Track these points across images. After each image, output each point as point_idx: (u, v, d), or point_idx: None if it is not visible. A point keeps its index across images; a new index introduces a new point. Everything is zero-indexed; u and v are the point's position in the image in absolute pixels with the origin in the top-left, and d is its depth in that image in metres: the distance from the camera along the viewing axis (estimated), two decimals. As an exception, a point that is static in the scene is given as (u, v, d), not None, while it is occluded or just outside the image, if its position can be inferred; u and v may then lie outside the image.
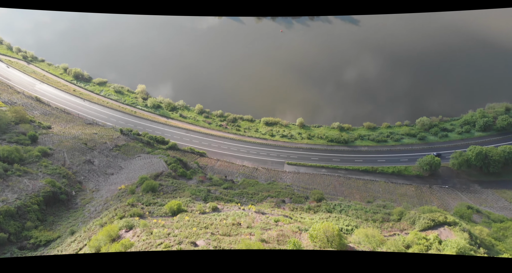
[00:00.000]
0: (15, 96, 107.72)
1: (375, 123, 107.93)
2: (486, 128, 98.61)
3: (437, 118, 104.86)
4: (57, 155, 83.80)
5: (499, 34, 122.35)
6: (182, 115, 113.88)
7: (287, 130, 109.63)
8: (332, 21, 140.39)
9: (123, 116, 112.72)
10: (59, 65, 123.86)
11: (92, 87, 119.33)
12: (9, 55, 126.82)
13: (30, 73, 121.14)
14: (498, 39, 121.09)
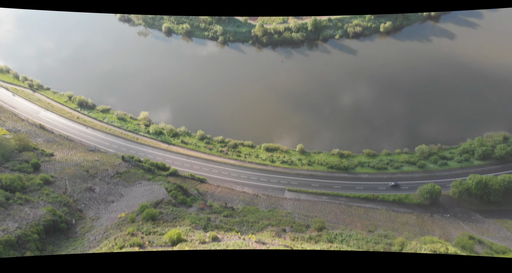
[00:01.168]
0: (20, 124, 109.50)
1: (374, 150, 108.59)
2: (485, 156, 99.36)
3: (436, 146, 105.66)
4: (59, 182, 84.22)
5: (494, 64, 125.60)
6: (183, 141, 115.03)
7: (288, 156, 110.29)
8: (331, 51, 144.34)
9: (125, 142, 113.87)
10: (64, 93, 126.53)
11: (96, 114, 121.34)
12: (15, 84, 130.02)
13: (35, 101, 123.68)
14: (492, 69, 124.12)
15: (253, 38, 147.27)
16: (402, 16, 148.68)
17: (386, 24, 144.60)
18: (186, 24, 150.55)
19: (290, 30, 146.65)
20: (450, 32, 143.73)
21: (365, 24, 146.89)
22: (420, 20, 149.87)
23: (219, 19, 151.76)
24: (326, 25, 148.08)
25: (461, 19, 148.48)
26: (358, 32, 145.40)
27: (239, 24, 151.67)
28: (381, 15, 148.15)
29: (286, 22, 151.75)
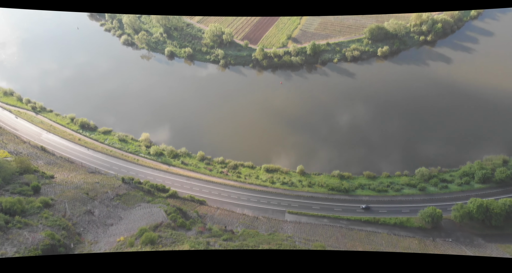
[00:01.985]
0: (21, 146, 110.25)
1: (375, 172, 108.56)
2: (485, 180, 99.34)
3: (436, 169, 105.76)
4: (58, 206, 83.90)
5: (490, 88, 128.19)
6: (183, 162, 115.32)
7: (288, 178, 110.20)
8: (329, 74, 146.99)
9: (126, 164, 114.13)
10: (67, 115, 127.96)
11: (97, 136, 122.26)
12: (19, 106, 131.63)
13: (37, 123, 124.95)
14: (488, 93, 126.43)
15: (253, 61, 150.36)
16: (399, 41, 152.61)
17: (383, 49, 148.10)
18: (188, 48, 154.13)
19: (289, 54, 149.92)
20: (446, 57, 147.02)
21: (362, 48, 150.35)
22: (417, 45, 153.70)
23: (221, 43, 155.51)
24: (324, 49, 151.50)
25: (456, 44, 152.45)
26: (356, 56, 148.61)
27: (240, 48, 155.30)
28: (378, 40, 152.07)
29: (286, 46, 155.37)
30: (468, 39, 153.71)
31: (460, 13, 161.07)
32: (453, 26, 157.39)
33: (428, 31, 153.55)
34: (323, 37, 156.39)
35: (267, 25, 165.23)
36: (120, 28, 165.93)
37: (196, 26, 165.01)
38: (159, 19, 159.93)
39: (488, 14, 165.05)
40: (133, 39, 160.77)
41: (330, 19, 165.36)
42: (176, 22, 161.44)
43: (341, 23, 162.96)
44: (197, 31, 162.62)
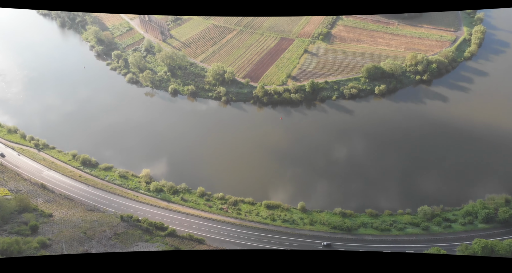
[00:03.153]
0: (21, 184, 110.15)
1: (377, 210, 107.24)
2: (488, 220, 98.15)
3: (439, 207, 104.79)
4: (55, 246, 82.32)
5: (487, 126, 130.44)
6: (183, 198, 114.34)
7: (289, 215, 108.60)
8: (328, 111, 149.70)
9: (125, 201, 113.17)
10: (69, 151, 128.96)
11: (98, 172, 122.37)
12: (22, 143, 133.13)
13: (39, 160, 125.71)
14: (486, 131, 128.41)
15: (254, 98, 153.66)
16: (395, 80, 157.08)
17: (380, 87, 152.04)
18: (191, 86, 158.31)
19: (289, 91, 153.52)
20: (443, 96, 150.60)
21: (360, 87, 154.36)
22: (413, 84, 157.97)
23: (223, 81, 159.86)
24: (323, 87, 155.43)
25: (452, 83, 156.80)
26: (354, 94, 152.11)
27: (241, 85, 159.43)
28: (375, 79, 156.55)
29: (285, 84, 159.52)
30: (463, 79, 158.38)
31: (454, 54, 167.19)
32: (447, 66, 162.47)
33: (423, 71, 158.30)
34: (321, 76, 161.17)
35: (267, 64, 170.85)
36: (125, 67, 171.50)
37: (199, 65, 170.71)
38: (164, 58, 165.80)
39: (481, 55, 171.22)
40: (138, 77, 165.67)
41: (327, 58, 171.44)
42: (180, 61, 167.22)
43: (338, 62, 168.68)
44: (200, 69, 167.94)
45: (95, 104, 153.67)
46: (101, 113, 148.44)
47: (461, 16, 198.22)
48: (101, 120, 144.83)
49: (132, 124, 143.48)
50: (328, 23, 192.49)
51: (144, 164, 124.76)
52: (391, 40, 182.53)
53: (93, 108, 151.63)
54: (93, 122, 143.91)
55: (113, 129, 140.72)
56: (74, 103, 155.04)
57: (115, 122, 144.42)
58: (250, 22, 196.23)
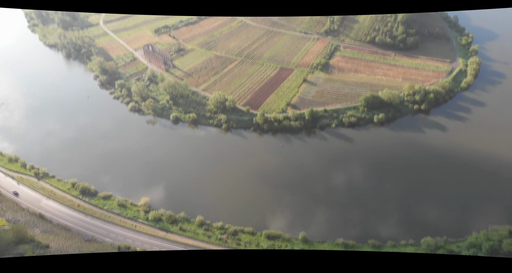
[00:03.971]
0: (19, 213, 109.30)
1: (378, 240, 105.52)
2: (492, 251, 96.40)
3: (442, 239, 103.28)
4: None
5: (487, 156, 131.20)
6: (182, 228, 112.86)
7: (290, 245, 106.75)
8: (327, 138, 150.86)
9: (123, 230, 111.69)
10: (68, 180, 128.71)
11: (97, 201, 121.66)
12: (22, 172, 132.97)
13: (38, 189, 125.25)
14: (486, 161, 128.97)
15: (254, 125, 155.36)
16: (393, 109, 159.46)
17: (379, 116, 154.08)
18: (193, 114, 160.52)
19: (289, 119, 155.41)
20: (442, 125, 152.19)
21: (359, 115, 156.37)
22: (412, 113, 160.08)
23: (224, 109, 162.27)
24: (322, 115, 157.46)
25: (450, 113, 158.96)
26: (353, 122, 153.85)
27: (242, 113, 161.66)
28: (373, 108, 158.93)
29: (285, 111, 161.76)
30: (461, 109, 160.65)
31: (450, 85, 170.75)
32: (445, 96, 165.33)
33: (421, 100, 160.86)
34: (321, 104, 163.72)
35: (267, 93, 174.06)
36: (128, 95, 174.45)
37: (201, 94, 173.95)
38: (166, 87, 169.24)
39: (478, 86, 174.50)
40: (140, 105, 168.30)
41: (326, 88, 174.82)
42: (182, 90, 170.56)
43: (337, 91, 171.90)
44: (202, 98, 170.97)
45: (96, 131, 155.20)
46: (102, 140, 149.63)
47: (456, 48, 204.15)
48: (101, 147, 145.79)
49: (132, 151, 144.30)
50: (327, 54, 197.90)
51: (144, 191, 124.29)
52: (388, 70, 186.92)
53: (94, 135, 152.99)
54: (94, 149, 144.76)
55: (114, 156, 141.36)
56: (75, 130, 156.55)
57: (116, 148, 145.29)
58: (250, 52, 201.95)
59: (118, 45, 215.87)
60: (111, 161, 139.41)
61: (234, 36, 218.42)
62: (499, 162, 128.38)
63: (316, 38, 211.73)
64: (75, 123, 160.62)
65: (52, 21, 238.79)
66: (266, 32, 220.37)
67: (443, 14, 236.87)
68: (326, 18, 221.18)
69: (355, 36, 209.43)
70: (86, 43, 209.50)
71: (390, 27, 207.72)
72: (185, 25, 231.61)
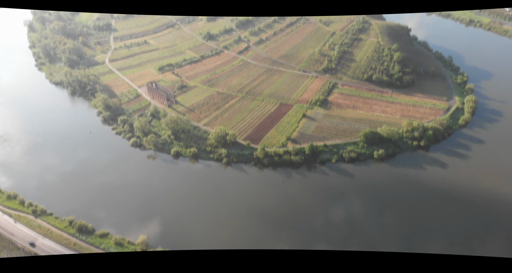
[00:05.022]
0: (15, 253, 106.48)
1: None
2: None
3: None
4: None
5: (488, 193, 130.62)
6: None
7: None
8: (328, 173, 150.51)
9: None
10: (66, 218, 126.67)
11: (93, 240, 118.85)
12: (19, 210, 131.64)
13: (35, 227, 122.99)
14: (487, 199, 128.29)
15: (255, 159, 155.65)
16: (393, 145, 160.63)
17: (379, 152, 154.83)
18: (193, 148, 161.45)
19: (289, 153, 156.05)
20: (441, 162, 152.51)
21: (359, 151, 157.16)
22: (411, 149, 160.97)
23: (224, 143, 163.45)
24: (322, 150, 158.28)
25: (450, 150, 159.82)
26: (353, 157, 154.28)
27: (242, 147, 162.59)
28: (373, 144, 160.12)
29: (285, 146, 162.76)
30: (460, 146, 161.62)
31: (448, 122, 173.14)
32: (443, 133, 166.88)
33: (420, 137, 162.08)
34: (320, 139, 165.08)
35: (268, 127, 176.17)
36: (130, 131, 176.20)
37: (202, 128, 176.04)
38: (168, 122, 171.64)
39: (475, 123, 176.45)
40: (141, 141, 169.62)
41: (325, 123, 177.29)
42: (184, 125, 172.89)
43: (336, 127, 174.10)
44: (203, 132, 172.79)
45: (97, 166, 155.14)
46: (102, 175, 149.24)
47: (452, 86, 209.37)
48: (100, 182, 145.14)
49: (131, 186, 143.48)
50: (325, 91, 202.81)
51: (142, 228, 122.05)
52: (386, 107, 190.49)
53: (94, 170, 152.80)
54: (93, 184, 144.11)
55: (112, 191, 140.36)
56: (75, 165, 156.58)
57: (115, 183, 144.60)
58: (251, 89, 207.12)
59: (122, 82, 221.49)
60: (109, 196, 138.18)
61: (235, 74, 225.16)
62: (501, 200, 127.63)
63: (315, 76, 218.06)
64: (75, 158, 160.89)
65: (59, 60, 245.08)
66: (266, 70, 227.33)
67: (437, 54, 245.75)
68: (323, 57, 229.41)
69: (352, 74, 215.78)
70: (91, 81, 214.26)
71: (386, 66, 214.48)
72: (188, 64, 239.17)
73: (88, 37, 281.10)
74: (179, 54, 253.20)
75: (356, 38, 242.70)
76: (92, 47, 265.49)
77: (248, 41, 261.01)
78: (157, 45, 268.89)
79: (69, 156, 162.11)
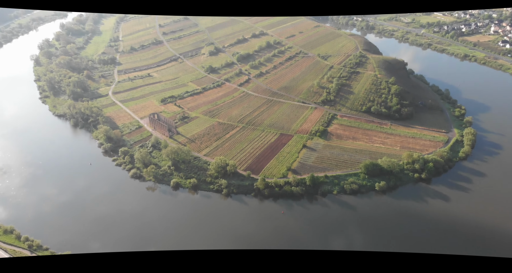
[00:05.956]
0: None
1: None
2: None
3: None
4: None
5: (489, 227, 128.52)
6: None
7: None
8: (330, 205, 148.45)
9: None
10: (62, 253, 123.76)
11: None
12: (16, 245, 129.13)
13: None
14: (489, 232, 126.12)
15: (255, 190, 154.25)
16: (394, 177, 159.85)
17: (380, 184, 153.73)
18: (193, 179, 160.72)
19: (290, 184, 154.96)
20: (443, 195, 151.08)
21: (360, 182, 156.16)
22: (413, 182, 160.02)
23: (225, 174, 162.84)
24: (323, 181, 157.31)
25: (451, 183, 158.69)
26: (354, 189, 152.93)
27: (243, 178, 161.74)
28: (374, 175, 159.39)
29: (286, 176, 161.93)
30: (461, 179, 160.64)
31: (449, 154, 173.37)
32: (444, 165, 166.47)
33: (421, 169, 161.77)
34: (321, 170, 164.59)
35: (268, 158, 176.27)
36: (130, 162, 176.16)
37: (202, 159, 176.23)
38: (169, 153, 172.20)
39: (476, 156, 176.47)
40: (141, 172, 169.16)
41: (326, 154, 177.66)
42: (184, 155, 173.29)
43: (336, 158, 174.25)
44: (204, 163, 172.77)
45: (94, 199, 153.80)
46: (99, 207, 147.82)
47: (450, 119, 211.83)
48: (98, 215, 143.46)
49: (128, 219, 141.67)
50: (324, 122, 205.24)
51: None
52: (385, 139, 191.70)
53: (92, 202, 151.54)
54: (90, 217, 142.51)
55: (109, 224, 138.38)
56: (74, 197, 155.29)
57: (112, 216, 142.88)
58: (252, 119, 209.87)
59: (125, 114, 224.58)
60: (106, 229, 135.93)
61: (236, 104, 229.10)
62: (504, 234, 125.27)
63: (314, 107, 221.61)
64: (74, 190, 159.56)
65: (64, 93, 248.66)
66: (266, 101, 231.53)
67: (434, 87, 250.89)
68: (322, 89, 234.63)
69: (351, 106, 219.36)
70: (94, 113, 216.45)
71: (384, 98, 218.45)
72: (190, 95, 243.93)
73: (93, 70, 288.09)
74: (181, 86, 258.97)
75: (354, 71, 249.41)
76: (96, 80, 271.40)
77: (248, 74, 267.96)
78: (160, 78, 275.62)
79: (68, 188, 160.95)
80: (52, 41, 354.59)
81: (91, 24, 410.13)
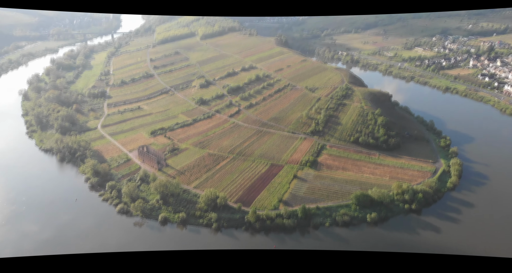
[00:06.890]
0: None
1: None
2: None
3: None
4: None
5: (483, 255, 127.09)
6: None
7: None
8: (323, 239, 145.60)
9: None
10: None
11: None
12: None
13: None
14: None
15: (246, 224, 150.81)
16: (385, 208, 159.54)
17: (372, 215, 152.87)
18: (182, 213, 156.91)
19: (281, 216, 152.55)
20: (434, 225, 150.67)
21: (352, 214, 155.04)
22: (404, 213, 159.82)
23: (215, 207, 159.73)
24: (315, 212, 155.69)
25: (441, 213, 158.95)
26: (346, 221, 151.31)
27: (233, 210, 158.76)
28: (365, 206, 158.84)
29: (277, 208, 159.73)
30: (451, 209, 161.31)
31: (437, 185, 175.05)
32: (433, 196, 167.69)
33: (411, 200, 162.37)
34: (312, 201, 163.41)
35: (259, 189, 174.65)
36: (118, 197, 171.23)
37: (192, 191, 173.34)
38: (158, 186, 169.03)
39: (463, 186, 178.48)
40: (129, 207, 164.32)
41: (317, 184, 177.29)
42: (173, 188, 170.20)
43: (327, 188, 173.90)
44: (193, 196, 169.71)
45: (78, 235, 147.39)
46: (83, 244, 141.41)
47: (436, 149, 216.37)
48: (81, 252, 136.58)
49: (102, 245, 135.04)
50: (314, 152, 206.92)
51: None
52: (375, 169, 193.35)
53: (75, 239, 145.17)
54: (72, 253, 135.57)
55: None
56: (56, 234, 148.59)
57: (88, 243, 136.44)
58: (242, 150, 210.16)
59: (113, 147, 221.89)
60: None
61: (226, 135, 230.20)
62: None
63: (303, 137, 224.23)
64: (57, 227, 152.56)
65: (51, 127, 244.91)
66: (256, 131, 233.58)
67: (419, 118, 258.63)
68: (311, 120, 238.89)
69: (339, 136, 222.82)
70: (81, 147, 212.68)
71: (371, 129, 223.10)
72: (180, 127, 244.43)
73: (83, 104, 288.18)
74: (171, 118, 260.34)
75: (341, 103, 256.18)
76: (85, 114, 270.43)
77: (239, 105, 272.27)
78: (150, 110, 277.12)
79: (50, 225, 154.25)
80: (41, 76, 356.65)
81: (82, 58, 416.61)
